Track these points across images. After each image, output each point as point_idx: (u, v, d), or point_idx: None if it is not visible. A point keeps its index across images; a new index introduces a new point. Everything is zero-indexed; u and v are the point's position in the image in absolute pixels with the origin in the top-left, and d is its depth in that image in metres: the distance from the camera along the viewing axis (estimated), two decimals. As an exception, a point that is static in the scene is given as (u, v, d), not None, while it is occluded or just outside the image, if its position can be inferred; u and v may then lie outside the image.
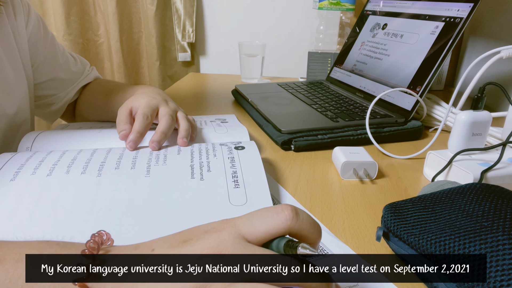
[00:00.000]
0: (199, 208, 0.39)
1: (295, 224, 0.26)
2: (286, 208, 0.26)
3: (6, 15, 0.57)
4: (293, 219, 0.26)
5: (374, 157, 0.57)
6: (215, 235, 0.26)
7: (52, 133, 0.56)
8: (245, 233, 0.26)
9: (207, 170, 0.44)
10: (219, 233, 0.26)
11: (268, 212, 0.26)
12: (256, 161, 0.47)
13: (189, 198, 0.40)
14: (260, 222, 0.26)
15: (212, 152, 0.48)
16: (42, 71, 0.66)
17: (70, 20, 1.26)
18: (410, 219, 0.35)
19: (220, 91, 1.00)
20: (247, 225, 0.26)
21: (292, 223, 0.26)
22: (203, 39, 1.33)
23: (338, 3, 1.04)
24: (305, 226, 0.26)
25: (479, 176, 0.45)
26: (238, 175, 0.44)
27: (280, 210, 0.26)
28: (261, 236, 0.26)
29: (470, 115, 0.49)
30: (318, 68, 1.02)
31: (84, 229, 0.36)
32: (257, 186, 0.43)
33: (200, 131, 0.59)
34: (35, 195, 0.39)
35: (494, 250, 0.28)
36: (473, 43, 1.02)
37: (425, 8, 0.74)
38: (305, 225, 0.26)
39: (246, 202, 0.40)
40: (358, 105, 0.75)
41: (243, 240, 0.25)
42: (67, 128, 0.62)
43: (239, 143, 0.52)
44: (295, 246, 0.24)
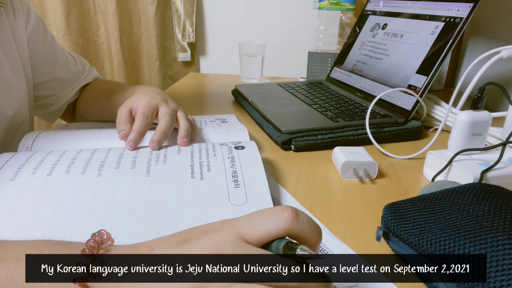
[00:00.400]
0: (199, 208, 0.39)
1: (295, 226, 0.26)
2: (286, 209, 0.26)
3: (5, 16, 0.57)
4: (293, 220, 0.26)
5: (374, 157, 0.57)
6: (215, 236, 0.26)
7: (52, 133, 0.56)
8: (244, 234, 0.26)
9: (207, 169, 0.44)
10: (218, 234, 0.26)
11: (268, 213, 0.26)
12: (256, 160, 0.47)
13: (189, 197, 0.40)
14: (260, 223, 0.26)
15: (212, 151, 0.48)
16: (42, 71, 0.66)
17: (70, 20, 1.26)
18: (410, 219, 0.35)
19: (220, 91, 1.00)
20: (246, 226, 0.26)
21: (292, 225, 0.26)
22: (203, 39, 1.33)
23: (338, 3, 1.04)
24: (305, 228, 0.26)
25: (479, 176, 0.45)
26: (238, 175, 0.44)
27: (280, 212, 0.26)
28: (260, 237, 0.26)
29: (470, 115, 0.49)
30: (318, 68, 1.02)
31: (84, 229, 0.36)
32: (257, 186, 0.43)
33: (200, 131, 0.59)
34: (35, 194, 0.39)
35: (494, 250, 0.28)
36: (473, 43, 1.02)
37: (425, 8, 0.74)
38: (305, 227, 0.26)
39: (246, 202, 0.40)
40: (358, 105, 0.75)
41: (242, 241, 0.25)
42: (67, 128, 0.62)
43: (239, 143, 0.52)
44: (294, 248, 0.24)
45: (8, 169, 0.43)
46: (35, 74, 0.65)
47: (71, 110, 0.75)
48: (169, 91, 1.00)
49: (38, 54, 0.64)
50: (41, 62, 0.65)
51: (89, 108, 0.72)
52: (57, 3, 1.23)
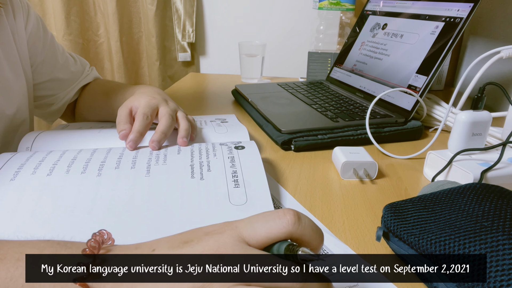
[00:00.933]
0: (199, 208, 0.39)
1: (297, 229, 0.26)
2: (288, 212, 0.26)
3: (5, 16, 0.57)
4: (295, 224, 0.26)
5: (374, 157, 0.57)
6: (216, 237, 0.26)
7: (52, 133, 0.56)
8: (246, 236, 0.26)
9: (207, 169, 0.44)
10: (219, 236, 0.26)
11: (270, 216, 0.26)
12: (256, 160, 0.47)
13: (189, 197, 0.40)
14: (262, 226, 0.26)
15: (212, 151, 0.48)
16: (42, 71, 0.66)
17: (70, 20, 1.26)
18: (410, 219, 0.35)
19: (220, 91, 1.00)
20: (248, 229, 0.26)
21: (294, 228, 0.26)
22: (203, 39, 1.33)
23: (338, 3, 1.04)
24: (307, 232, 0.26)
25: (479, 176, 0.45)
26: (238, 175, 0.44)
27: (282, 215, 0.26)
28: (262, 240, 0.26)
29: (470, 115, 0.49)
30: (318, 68, 1.02)
31: (84, 229, 0.36)
32: (257, 186, 0.43)
33: (200, 131, 0.59)
34: (36, 194, 0.39)
35: (494, 250, 0.28)
36: (473, 43, 1.02)
37: (425, 8, 0.74)
38: (307, 230, 0.26)
39: (246, 202, 0.40)
40: (358, 105, 0.75)
41: (243, 243, 0.25)
42: (67, 128, 0.62)
43: (239, 142, 0.52)
44: (295, 249, 0.24)
45: (8, 169, 0.43)
46: (35, 74, 0.65)
47: (71, 110, 0.75)
48: (169, 91, 1.00)
49: (38, 54, 0.64)
50: (41, 62, 0.65)
51: (89, 108, 0.72)
52: (57, 3, 1.23)
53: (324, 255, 0.36)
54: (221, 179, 0.43)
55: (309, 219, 0.27)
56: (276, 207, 0.44)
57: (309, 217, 0.27)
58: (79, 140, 0.55)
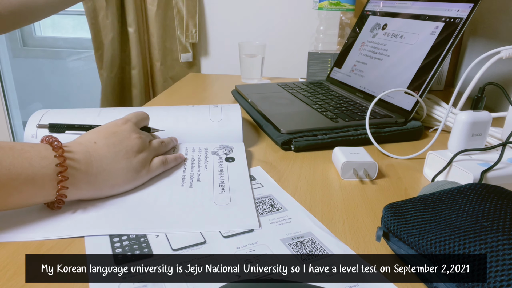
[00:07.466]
0: (185, 205, 0.43)
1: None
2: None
3: None
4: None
5: (374, 157, 0.57)
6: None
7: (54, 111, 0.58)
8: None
9: (197, 180, 0.48)
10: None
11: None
12: (244, 173, 0.50)
13: (177, 198, 0.44)
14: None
15: (204, 163, 0.52)
16: None
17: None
18: (410, 219, 0.35)
19: (220, 92, 1.00)
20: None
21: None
22: (203, 39, 1.33)
23: (338, 3, 1.04)
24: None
25: (479, 176, 0.45)
26: (225, 185, 0.47)
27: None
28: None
29: (470, 115, 0.49)
30: (318, 68, 1.02)
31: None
32: (241, 191, 0.46)
33: (196, 122, 0.60)
34: None
35: (494, 250, 0.28)
36: (473, 43, 1.02)
37: (425, 9, 0.74)
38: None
39: (230, 203, 0.43)
40: (358, 105, 0.75)
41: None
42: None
43: (230, 151, 0.55)
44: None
45: None
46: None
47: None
48: (169, 92, 1.00)
49: None
50: None
51: None
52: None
53: (324, 255, 0.36)
54: (208, 187, 0.47)
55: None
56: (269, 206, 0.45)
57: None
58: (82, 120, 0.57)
